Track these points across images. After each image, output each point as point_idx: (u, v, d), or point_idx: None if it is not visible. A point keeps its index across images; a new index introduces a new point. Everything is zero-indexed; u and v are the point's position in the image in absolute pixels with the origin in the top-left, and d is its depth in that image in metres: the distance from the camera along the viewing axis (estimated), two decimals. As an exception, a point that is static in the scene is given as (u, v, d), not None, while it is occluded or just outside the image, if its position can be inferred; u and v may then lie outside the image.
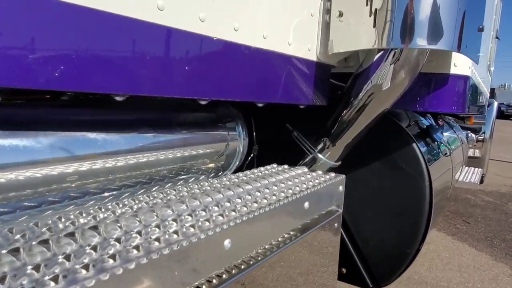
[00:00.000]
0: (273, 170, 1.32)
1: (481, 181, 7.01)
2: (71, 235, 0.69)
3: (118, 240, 0.69)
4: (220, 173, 1.62)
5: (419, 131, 2.31)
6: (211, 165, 1.59)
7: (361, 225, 2.19)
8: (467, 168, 5.86)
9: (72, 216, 0.81)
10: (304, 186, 1.12)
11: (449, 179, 2.62)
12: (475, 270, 3.50)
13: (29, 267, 0.57)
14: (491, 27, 3.11)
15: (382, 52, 1.45)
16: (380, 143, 2.09)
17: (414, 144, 1.99)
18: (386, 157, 2.06)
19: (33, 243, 0.64)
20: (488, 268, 3.54)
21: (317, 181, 1.19)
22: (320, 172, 1.33)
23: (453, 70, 1.67)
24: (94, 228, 0.73)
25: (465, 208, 5.51)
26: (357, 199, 2.18)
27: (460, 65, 1.66)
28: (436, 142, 2.34)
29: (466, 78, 1.72)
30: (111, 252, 0.65)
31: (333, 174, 1.30)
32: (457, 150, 3.83)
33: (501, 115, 37.76)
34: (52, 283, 0.55)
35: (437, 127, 2.84)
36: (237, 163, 1.53)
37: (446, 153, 2.50)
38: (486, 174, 7.23)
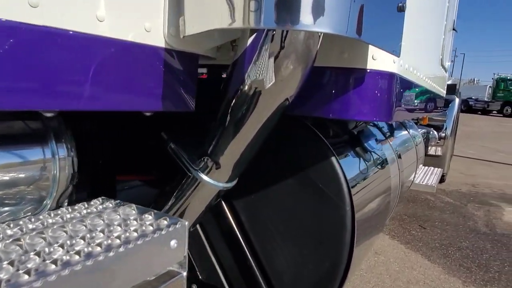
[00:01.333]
0: (76, 214, 0.86)
1: (443, 180, 6.83)
2: None
3: None
4: (43, 207, 1.14)
5: (348, 138, 1.90)
6: (30, 196, 1.11)
7: (274, 257, 1.76)
8: (426, 168, 5.59)
9: None
10: (81, 255, 0.66)
11: (389, 193, 2.23)
12: (425, 286, 3.17)
13: None
14: (443, 16, 2.73)
15: (256, 35, 1.00)
16: (295, 156, 1.66)
17: (333, 159, 1.57)
18: (301, 174, 1.63)
19: None
20: (439, 284, 3.23)
21: (117, 241, 0.73)
22: (150, 217, 0.87)
23: (371, 65, 1.24)
24: None
25: (423, 210, 5.24)
26: (268, 225, 1.76)
27: (380, 58, 1.24)
28: (370, 152, 1.93)
29: (390, 76, 1.30)
30: None
31: (165, 222, 0.84)
32: (408, 152, 3.48)
33: (469, 109, 38.71)
34: None
35: (375, 131, 2.44)
36: (54, 194, 1.06)
37: (383, 164, 2.10)
38: (447, 173, 7.05)
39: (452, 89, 6.23)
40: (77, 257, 0.65)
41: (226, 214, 1.86)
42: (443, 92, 3.53)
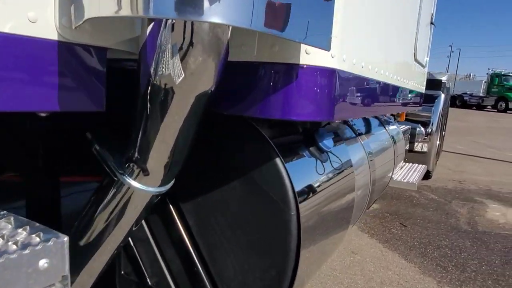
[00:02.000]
0: None
1: (429, 177, 6.78)
2: None
3: None
4: None
5: (304, 138, 1.80)
6: None
7: (222, 264, 1.67)
8: (410, 165, 5.53)
9: None
10: None
11: (353, 194, 2.14)
12: (398, 287, 3.10)
13: None
14: (415, 10, 2.62)
15: (154, 24, 0.89)
16: (239, 157, 1.56)
17: (277, 160, 1.47)
18: (245, 176, 1.54)
19: None
20: (413, 284, 3.15)
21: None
22: (24, 233, 0.76)
23: (305, 60, 1.14)
24: None
25: (406, 208, 5.17)
26: (215, 230, 1.66)
27: (314, 52, 1.13)
28: (327, 152, 1.83)
29: (328, 72, 1.20)
30: None
31: (37, 239, 0.74)
32: (384, 150, 3.40)
33: (464, 104, 38.78)
34: None
35: (343, 129, 2.35)
36: None
37: (344, 164, 2.01)
38: (434, 169, 6.99)
39: (437, 84, 6.16)
40: None
41: (173, 218, 1.76)
42: (420, 87, 3.43)
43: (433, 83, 6.10)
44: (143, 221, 1.84)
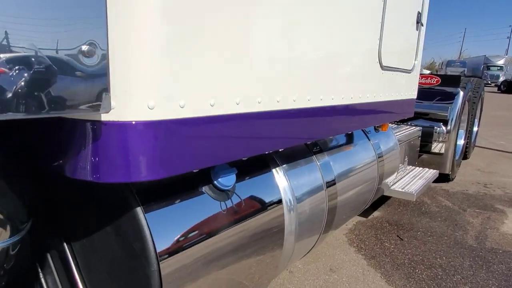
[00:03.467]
0: None
1: (449, 180, 6.28)
2: None
3: None
4: None
5: (197, 178, 1.63)
6: None
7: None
8: (418, 170, 5.13)
9: None
10: None
11: (278, 240, 1.93)
12: (367, 315, 2.86)
13: None
14: (376, 13, 2.31)
15: None
16: (108, 206, 1.45)
17: (137, 210, 1.33)
18: (114, 227, 1.42)
19: None
20: (386, 312, 2.90)
21: None
22: None
23: (108, 116, 0.98)
24: None
25: (410, 217, 4.79)
26: (97, 275, 1.57)
27: (117, 107, 0.97)
28: (225, 192, 1.65)
29: (147, 126, 1.03)
30: None
31: None
32: (360, 167, 3.12)
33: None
34: None
35: (296, 153, 2.13)
36: None
37: (255, 205, 1.81)
38: (456, 171, 6.45)
39: (456, 81, 5.62)
40: None
41: (67, 256, 1.69)
42: (399, 95, 3.08)
43: (451, 80, 5.58)
44: (48, 255, 1.80)
